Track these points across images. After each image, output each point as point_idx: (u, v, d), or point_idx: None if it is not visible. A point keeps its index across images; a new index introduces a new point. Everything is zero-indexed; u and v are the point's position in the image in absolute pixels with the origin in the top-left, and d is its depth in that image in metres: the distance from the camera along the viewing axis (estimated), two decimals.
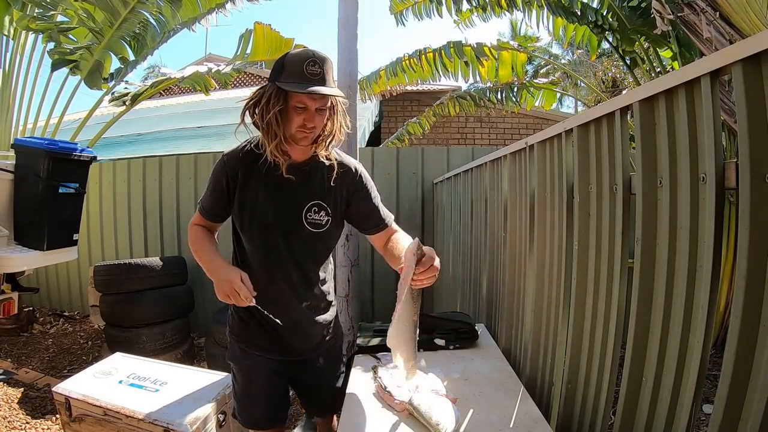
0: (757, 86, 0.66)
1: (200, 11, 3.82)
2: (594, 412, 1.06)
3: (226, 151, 1.19)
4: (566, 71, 7.48)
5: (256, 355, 1.26)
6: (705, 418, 1.92)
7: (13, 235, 2.29)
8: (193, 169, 3.86)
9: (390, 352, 1.27)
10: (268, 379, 1.27)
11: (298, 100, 1.04)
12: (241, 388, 1.30)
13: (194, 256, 1.20)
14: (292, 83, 1.02)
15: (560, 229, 1.25)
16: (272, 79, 1.06)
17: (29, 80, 3.41)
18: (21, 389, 2.67)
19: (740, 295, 0.67)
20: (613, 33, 3.24)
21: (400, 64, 4.25)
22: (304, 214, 1.15)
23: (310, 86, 1.01)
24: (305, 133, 1.07)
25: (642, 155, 0.89)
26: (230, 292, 1.06)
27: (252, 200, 1.15)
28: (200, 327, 3.80)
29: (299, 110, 1.05)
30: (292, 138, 1.08)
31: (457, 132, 7.23)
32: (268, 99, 1.05)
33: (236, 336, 1.28)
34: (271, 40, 3.89)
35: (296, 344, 1.26)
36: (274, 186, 1.14)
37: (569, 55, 11.49)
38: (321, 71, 1.03)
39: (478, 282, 2.17)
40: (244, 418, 1.31)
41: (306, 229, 1.16)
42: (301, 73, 1.02)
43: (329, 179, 1.16)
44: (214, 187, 1.18)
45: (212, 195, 1.19)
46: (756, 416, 0.64)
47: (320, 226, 1.17)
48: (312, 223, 1.16)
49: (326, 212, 1.18)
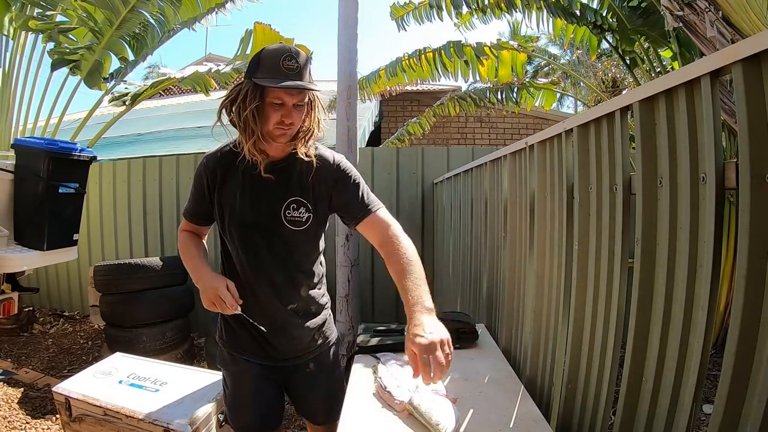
0: (757, 86, 0.66)
1: (200, 11, 3.82)
2: (594, 412, 1.06)
3: (206, 153, 1.19)
4: (566, 71, 7.49)
5: (244, 360, 1.24)
6: (705, 418, 1.93)
7: (13, 235, 2.29)
8: (192, 169, 3.84)
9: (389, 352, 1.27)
10: (257, 384, 1.25)
11: (275, 95, 1.01)
12: (231, 394, 1.28)
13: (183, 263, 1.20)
14: (268, 79, 0.99)
15: (560, 229, 1.25)
16: (248, 75, 1.03)
17: (29, 80, 3.41)
18: (21, 389, 2.67)
19: (740, 295, 0.67)
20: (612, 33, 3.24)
21: (399, 64, 4.24)
22: (282, 211, 1.13)
23: (286, 81, 0.98)
24: (283, 130, 1.04)
25: (642, 155, 0.90)
26: (215, 299, 1.05)
27: (230, 200, 1.14)
28: (200, 327, 3.80)
29: (276, 106, 1.02)
30: (269, 135, 1.06)
31: (457, 132, 7.23)
32: (245, 96, 1.02)
33: (224, 341, 1.27)
34: (271, 39, 3.89)
35: (283, 348, 1.24)
36: (251, 185, 1.13)
37: (569, 55, 11.49)
38: (297, 65, 1.00)
39: (478, 282, 2.17)
40: (234, 423, 1.29)
41: (285, 227, 1.13)
42: (277, 67, 0.99)
43: (308, 175, 1.13)
44: (195, 189, 1.17)
45: (194, 197, 1.19)
46: (756, 416, 0.64)
47: (300, 224, 1.14)
48: (291, 221, 1.14)
49: (306, 208, 1.14)
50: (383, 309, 3.68)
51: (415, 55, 4.12)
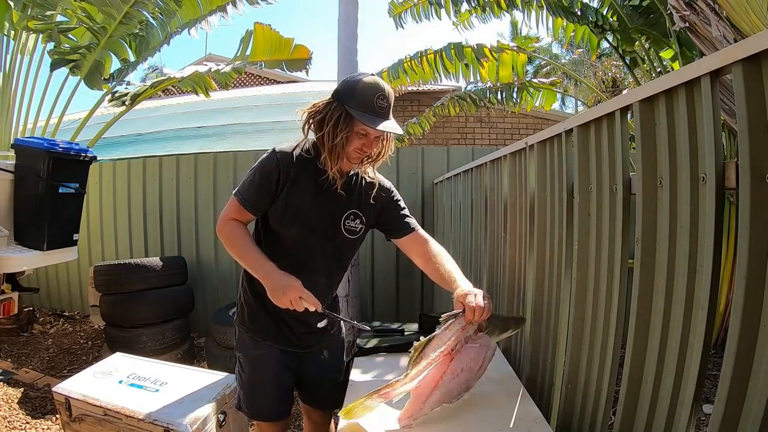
0: (757, 86, 0.65)
1: (201, 13, 3.82)
2: (594, 412, 1.06)
3: (277, 149, 1.21)
4: (566, 70, 7.49)
5: (267, 345, 1.30)
6: (705, 418, 1.92)
7: (13, 235, 2.29)
8: (193, 169, 3.86)
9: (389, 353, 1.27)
10: (278, 370, 1.31)
11: (362, 127, 1.13)
12: (249, 378, 1.33)
13: (232, 254, 1.21)
14: (364, 114, 1.11)
15: (560, 229, 1.25)
16: (341, 100, 1.14)
17: (29, 80, 3.41)
18: (21, 389, 2.67)
19: (740, 295, 0.67)
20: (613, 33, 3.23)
21: (401, 66, 4.24)
22: (343, 220, 1.26)
23: (380, 121, 1.12)
24: (360, 155, 1.18)
25: (642, 155, 0.89)
26: (294, 299, 1.11)
27: (299, 202, 1.21)
28: (200, 327, 3.80)
29: (361, 135, 1.14)
30: (347, 156, 1.17)
31: (457, 132, 7.24)
32: (336, 121, 1.13)
33: (246, 326, 1.32)
34: (271, 40, 3.89)
35: (303, 335, 1.32)
36: (321, 191, 1.22)
37: (569, 55, 11.49)
38: (387, 105, 1.14)
39: (478, 282, 2.17)
40: (251, 409, 1.34)
41: (342, 234, 1.26)
42: (371, 104, 1.11)
43: (367, 192, 1.28)
44: (262, 182, 1.19)
45: (260, 189, 1.20)
46: (756, 416, 0.64)
47: (355, 233, 1.28)
48: (348, 230, 1.27)
49: (361, 221, 1.28)
50: (383, 309, 3.68)
51: (416, 57, 4.12)
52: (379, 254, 3.66)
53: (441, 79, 4.21)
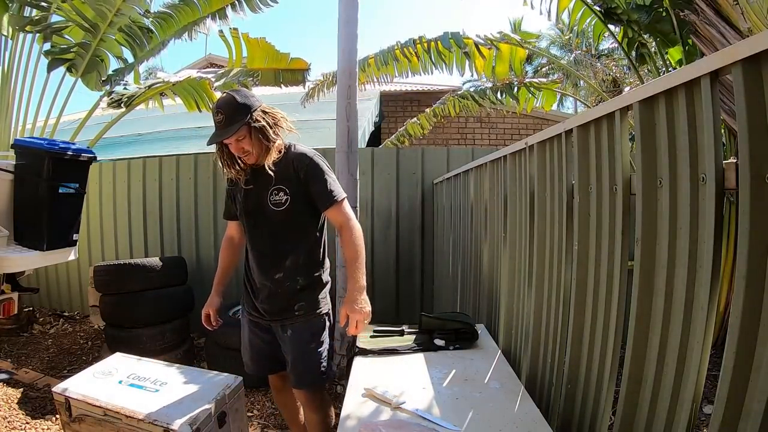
0: (757, 86, 0.65)
1: (200, 14, 3.82)
2: (594, 412, 1.06)
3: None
4: (566, 69, 7.49)
5: (246, 313, 1.65)
6: (705, 418, 1.92)
7: (13, 235, 2.29)
8: (193, 169, 3.85)
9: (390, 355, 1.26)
10: (250, 333, 1.65)
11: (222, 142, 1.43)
12: (241, 340, 1.71)
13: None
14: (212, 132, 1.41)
15: (560, 229, 1.25)
16: None
17: (28, 80, 3.40)
18: (21, 389, 2.67)
19: (740, 295, 0.67)
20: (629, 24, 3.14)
21: (392, 53, 4.06)
22: (268, 197, 1.47)
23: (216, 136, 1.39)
24: (242, 154, 1.43)
25: (642, 155, 0.90)
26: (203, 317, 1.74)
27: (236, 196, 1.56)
28: (200, 327, 3.74)
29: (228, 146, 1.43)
30: (240, 158, 1.47)
31: (457, 132, 7.24)
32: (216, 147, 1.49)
33: (242, 299, 1.69)
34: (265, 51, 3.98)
35: (264, 308, 1.55)
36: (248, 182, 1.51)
37: (569, 55, 11.49)
38: (223, 118, 1.36)
39: (478, 282, 2.17)
40: (244, 365, 1.71)
41: (269, 208, 1.47)
42: (215, 122, 1.39)
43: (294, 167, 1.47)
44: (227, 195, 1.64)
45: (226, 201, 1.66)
46: (756, 416, 0.64)
47: (280, 204, 1.47)
48: (275, 203, 1.47)
49: (285, 192, 1.47)
50: (383, 309, 3.68)
51: (410, 44, 3.96)
52: (380, 254, 3.66)
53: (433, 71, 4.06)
